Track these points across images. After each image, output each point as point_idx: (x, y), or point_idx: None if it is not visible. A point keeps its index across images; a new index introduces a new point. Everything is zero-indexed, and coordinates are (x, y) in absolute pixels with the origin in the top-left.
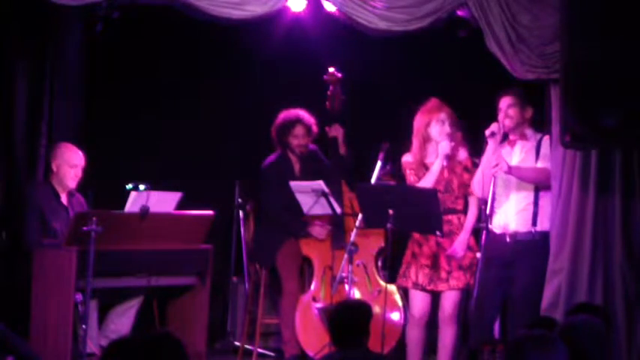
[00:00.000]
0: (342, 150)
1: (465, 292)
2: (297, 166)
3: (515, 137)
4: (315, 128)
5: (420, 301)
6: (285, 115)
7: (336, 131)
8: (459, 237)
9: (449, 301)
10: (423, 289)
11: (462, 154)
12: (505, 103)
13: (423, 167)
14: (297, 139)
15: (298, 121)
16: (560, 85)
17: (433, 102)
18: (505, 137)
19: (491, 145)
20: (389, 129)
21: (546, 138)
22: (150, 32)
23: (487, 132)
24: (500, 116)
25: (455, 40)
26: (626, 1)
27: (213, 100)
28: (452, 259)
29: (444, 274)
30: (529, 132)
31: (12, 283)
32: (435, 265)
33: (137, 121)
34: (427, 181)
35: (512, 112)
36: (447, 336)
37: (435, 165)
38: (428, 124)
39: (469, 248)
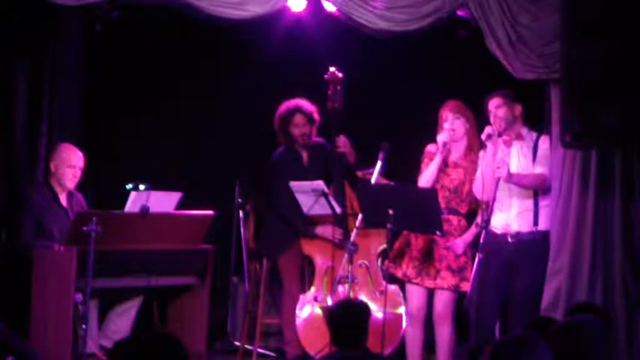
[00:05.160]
0: (351, 160)
1: (457, 293)
2: (304, 157)
3: (510, 137)
4: (316, 116)
5: (415, 298)
6: (284, 105)
7: (344, 144)
8: (464, 235)
9: (440, 300)
10: (409, 281)
11: None
12: (493, 104)
13: (444, 163)
14: (298, 127)
15: (297, 109)
16: (560, 85)
17: (448, 102)
18: (499, 135)
19: (490, 148)
20: (389, 129)
21: (543, 138)
22: (150, 32)
23: (483, 136)
24: (491, 118)
25: (455, 40)
26: (626, 1)
27: (213, 100)
28: (443, 259)
29: (432, 272)
30: (524, 131)
31: (12, 283)
32: (425, 260)
33: (137, 121)
34: (428, 173)
35: (501, 112)
36: (442, 335)
37: (435, 158)
38: (441, 125)
39: (464, 252)
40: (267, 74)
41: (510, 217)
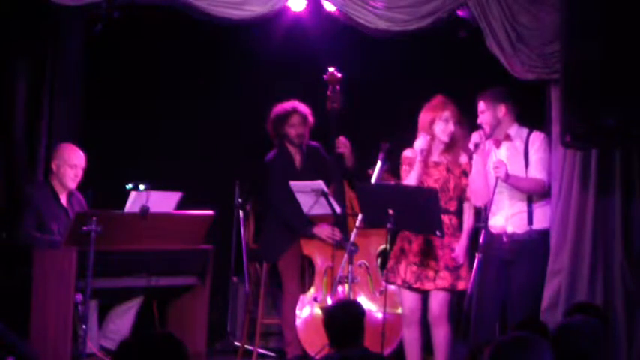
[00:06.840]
0: (349, 163)
1: (453, 292)
2: (297, 159)
3: (499, 137)
4: (310, 118)
5: (408, 300)
6: (279, 106)
7: (344, 145)
8: (460, 243)
9: (436, 301)
10: (410, 287)
11: (463, 159)
12: (479, 108)
13: (425, 165)
14: (294, 128)
15: (294, 111)
16: (560, 85)
17: (438, 99)
18: (487, 137)
19: (478, 158)
20: (389, 129)
21: (534, 137)
22: (150, 32)
23: (471, 146)
24: (478, 121)
25: (455, 40)
26: (626, 1)
27: (213, 100)
28: (440, 259)
29: (431, 273)
30: (512, 130)
31: (12, 283)
32: (423, 263)
33: (137, 121)
34: (410, 179)
35: (484, 118)
36: (439, 336)
37: (415, 165)
38: (432, 122)
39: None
40: (267, 74)
41: (506, 218)
